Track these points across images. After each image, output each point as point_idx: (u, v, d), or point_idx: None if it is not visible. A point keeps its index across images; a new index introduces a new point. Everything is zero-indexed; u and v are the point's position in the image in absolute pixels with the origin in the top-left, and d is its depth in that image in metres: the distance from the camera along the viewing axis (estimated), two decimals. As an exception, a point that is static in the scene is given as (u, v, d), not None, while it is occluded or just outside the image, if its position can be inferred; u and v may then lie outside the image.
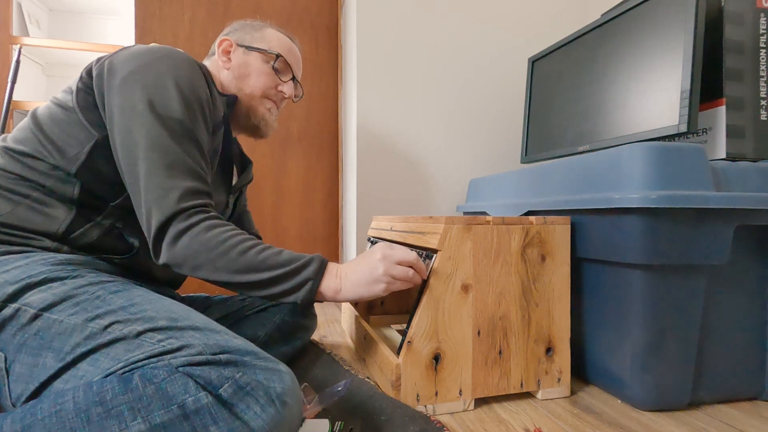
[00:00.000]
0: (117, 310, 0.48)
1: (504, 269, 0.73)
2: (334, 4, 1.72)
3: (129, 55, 0.64)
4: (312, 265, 0.61)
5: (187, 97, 0.63)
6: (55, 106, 0.63)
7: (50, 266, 0.53)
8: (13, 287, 0.49)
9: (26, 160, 0.60)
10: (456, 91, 1.49)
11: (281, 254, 0.61)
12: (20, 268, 0.51)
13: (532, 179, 0.99)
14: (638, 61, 0.87)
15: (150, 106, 0.60)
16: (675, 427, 0.66)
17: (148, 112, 0.59)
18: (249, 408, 0.42)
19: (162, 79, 0.62)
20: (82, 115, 0.62)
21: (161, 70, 0.63)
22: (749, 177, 0.73)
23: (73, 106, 0.62)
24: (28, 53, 2.41)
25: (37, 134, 0.61)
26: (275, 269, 0.59)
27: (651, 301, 0.70)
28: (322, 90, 1.71)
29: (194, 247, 0.57)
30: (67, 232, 0.59)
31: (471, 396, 0.71)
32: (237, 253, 0.58)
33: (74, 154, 0.60)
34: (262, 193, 1.65)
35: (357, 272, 0.63)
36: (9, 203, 0.58)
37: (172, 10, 1.55)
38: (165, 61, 0.64)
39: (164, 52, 0.65)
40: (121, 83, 0.61)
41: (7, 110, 1.59)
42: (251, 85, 0.80)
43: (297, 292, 0.60)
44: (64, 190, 0.60)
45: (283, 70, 0.83)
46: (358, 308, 1.13)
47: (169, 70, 0.63)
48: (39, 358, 0.45)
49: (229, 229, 0.60)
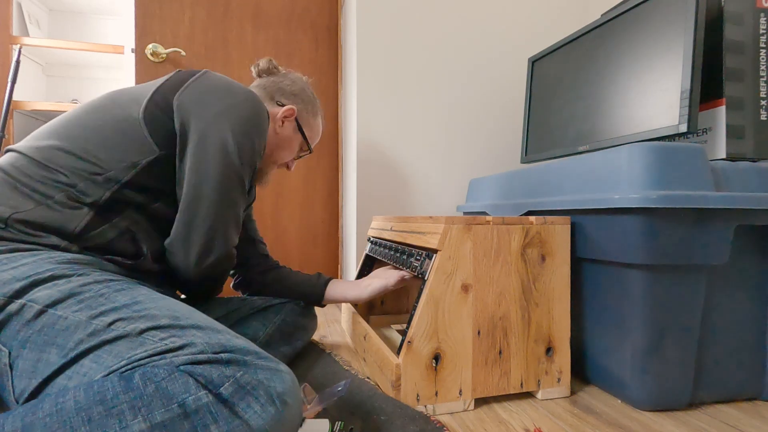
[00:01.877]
0: (120, 308, 0.48)
1: (504, 269, 0.73)
2: (334, 4, 1.72)
3: (215, 89, 0.71)
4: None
5: (256, 150, 0.72)
6: (110, 114, 0.65)
7: (57, 264, 0.53)
8: (20, 284, 0.49)
9: (66, 158, 0.61)
10: (456, 91, 1.49)
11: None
12: (27, 266, 0.51)
13: (532, 179, 0.99)
14: (638, 61, 0.87)
15: (226, 150, 0.68)
16: (675, 427, 0.66)
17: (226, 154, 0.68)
18: (249, 407, 0.42)
19: (245, 125, 0.70)
20: (146, 129, 0.65)
21: (245, 114, 0.70)
22: (749, 177, 0.73)
23: (138, 119, 0.65)
24: (28, 53, 2.41)
25: (86, 136, 0.63)
26: None
27: (651, 301, 0.70)
28: (322, 90, 1.71)
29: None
30: (83, 231, 0.60)
31: (471, 396, 0.71)
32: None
33: (129, 164, 0.63)
34: (262, 194, 1.65)
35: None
36: (31, 201, 0.58)
37: (172, 10, 1.55)
38: (248, 105, 0.72)
39: (248, 96, 0.73)
40: (213, 117, 0.68)
41: (7, 110, 1.59)
42: (280, 156, 0.89)
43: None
44: (95, 192, 0.61)
45: (300, 154, 0.95)
46: (358, 308, 1.13)
47: (251, 117, 0.71)
48: (43, 354, 0.45)
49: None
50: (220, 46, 1.59)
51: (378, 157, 1.42)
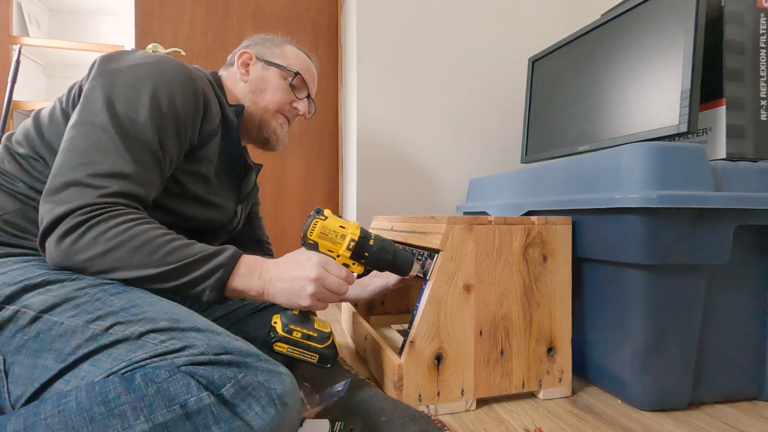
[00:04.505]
0: (118, 312, 0.48)
1: (506, 269, 0.73)
2: (334, 4, 1.72)
3: (117, 55, 0.62)
4: (224, 253, 0.57)
5: (159, 106, 0.59)
6: (53, 109, 0.63)
7: (49, 269, 0.52)
8: (11, 289, 0.48)
9: (27, 162, 0.60)
10: (456, 91, 1.49)
11: (193, 245, 0.56)
12: (18, 270, 0.51)
13: (532, 179, 0.99)
14: (638, 61, 0.87)
15: (109, 103, 0.56)
16: (675, 427, 0.66)
17: (105, 109, 0.56)
18: (250, 408, 0.42)
19: (139, 82, 0.59)
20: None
21: (141, 73, 0.60)
22: (749, 177, 0.73)
23: (66, 108, 0.61)
24: (28, 53, 2.41)
25: (37, 137, 0.60)
26: (184, 259, 0.54)
27: (651, 301, 0.70)
28: (322, 90, 1.71)
29: (86, 241, 0.51)
30: None
31: (473, 396, 0.71)
32: (139, 245, 0.52)
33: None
34: (262, 193, 1.65)
35: (284, 281, 0.59)
36: (17, 202, 0.58)
37: (172, 10, 1.55)
38: (150, 66, 0.61)
39: (155, 59, 0.63)
40: (95, 76, 0.59)
41: (7, 110, 1.59)
42: (267, 99, 0.80)
43: (207, 280, 0.54)
44: None
45: (299, 87, 0.83)
46: (358, 308, 1.13)
47: (149, 75, 0.60)
48: (39, 360, 0.45)
49: (134, 219, 0.53)
50: (220, 46, 1.59)
51: (378, 157, 1.42)
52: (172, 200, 0.66)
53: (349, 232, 0.64)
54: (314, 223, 0.63)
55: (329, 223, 0.63)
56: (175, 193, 0.66)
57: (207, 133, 0.69)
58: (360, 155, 1.40)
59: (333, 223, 0.64)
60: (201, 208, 0.70)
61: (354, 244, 0.63)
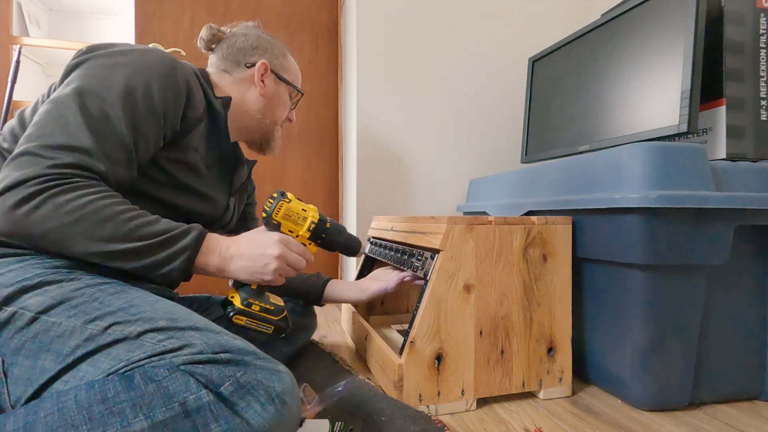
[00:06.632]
0: (116, 312, 0.48)
1: (506, 269, 0.73)
2: (334, 4, 1.72)
3: (103, 44, 0.62)
4: (190, 234, 0.57)
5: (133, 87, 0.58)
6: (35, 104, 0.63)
7: (45, 269, 0.52)
8: (7, 290, 0.48)
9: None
10: (456, 91, 1.49)
11: (157, 222, 0.55)
12: (15, 272, 0.50)
13: (533, 179, 0.99)
14: (638, 61, 0.87)
15: (80, 82, 0.56)
16: (675, 427, 0.66)
17: (75, 86, 0.55)
18: (249, 406, 0.42)
19: (117, 65, 0.59)
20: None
21: (120, 58, 0.59)
22: (749, 177, 0.73)
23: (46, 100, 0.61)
24: (28, 53, 2.41)
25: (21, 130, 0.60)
26: (149, 238, 0.53)
27: (651, 301, 0.70)
28: (322, 90, 1.71)
29: (43, 213, 0.49)
30: None
31: (473, 396, 0.71)
32: (101, 219, 0.51)
33: None
34: (262, 193, 1.65)
35: (245, 259, 0.60)
36: None
37: (172, 10, 1.55)
38: (132, 53, 0.61)
39: (140, 47, 0.63)
40: (74, 58, 0.59)
41: (7, 110, 1.59)
42: (277, 114, 0.84)
43: (172, 262, 0.54)
44: None
45: (295, 101, 0.88)
46: (358, 308, 1.13)
47: (128, 59, 0.60)
48: (38, 361, 0.45)
49: (95, 192, 0.52)
50: (220, 46, 1.59)
51: (378, 157, 1.42)
52: (161, 190, 0.65)
53: (309, 215, 0.69)
54: (280, 205, 0.67)
55: (293, 205, 0.68)
56: (162, 182, 0.65)
57: (191, 120, 0.68)
58: (360, 155, 1.40)
59: (296, 206, 0.68)
60: (191, 199, 0.70)
61: (314, 226, 0.68)
